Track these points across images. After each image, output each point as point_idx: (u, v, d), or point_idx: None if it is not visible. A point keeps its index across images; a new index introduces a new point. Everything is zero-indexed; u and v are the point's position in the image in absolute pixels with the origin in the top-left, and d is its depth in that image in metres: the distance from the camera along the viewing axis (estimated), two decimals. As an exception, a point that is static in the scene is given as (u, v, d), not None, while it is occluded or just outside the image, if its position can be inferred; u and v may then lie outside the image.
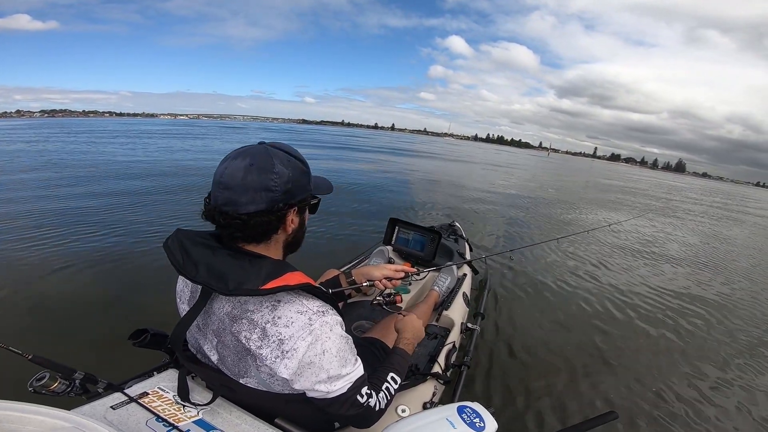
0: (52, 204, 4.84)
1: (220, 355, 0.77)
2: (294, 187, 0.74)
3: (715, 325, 3.17)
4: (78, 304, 2.47)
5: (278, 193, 0.71)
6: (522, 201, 8.51)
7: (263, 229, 0.73)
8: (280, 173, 0.71)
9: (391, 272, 1.24)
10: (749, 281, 4.72)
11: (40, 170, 7.65)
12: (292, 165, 0.74)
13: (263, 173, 0.70)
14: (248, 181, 0.69)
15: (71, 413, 0.62)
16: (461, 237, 3.04)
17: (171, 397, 0.81)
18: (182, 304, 0.84)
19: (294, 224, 0.78)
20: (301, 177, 0.76)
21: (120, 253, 3.28)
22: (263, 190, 0.70)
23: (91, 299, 2.54)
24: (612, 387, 2.11)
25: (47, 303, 2.45)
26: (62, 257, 3.12)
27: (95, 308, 2.44)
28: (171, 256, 0.71)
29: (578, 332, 2.71)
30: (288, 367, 0.68)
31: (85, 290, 2.66)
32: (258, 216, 0.71)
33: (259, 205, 0.70)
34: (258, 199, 0.70)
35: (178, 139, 20.21)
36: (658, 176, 65.47)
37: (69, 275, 2.84)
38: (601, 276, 4.01)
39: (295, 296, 0.72)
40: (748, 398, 2.19)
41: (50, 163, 8.74)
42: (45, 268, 2.90)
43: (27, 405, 0.59)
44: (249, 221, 0.70)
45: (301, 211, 0.80)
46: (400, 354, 1.04)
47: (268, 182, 0.70)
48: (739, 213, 14.42)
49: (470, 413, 0.85)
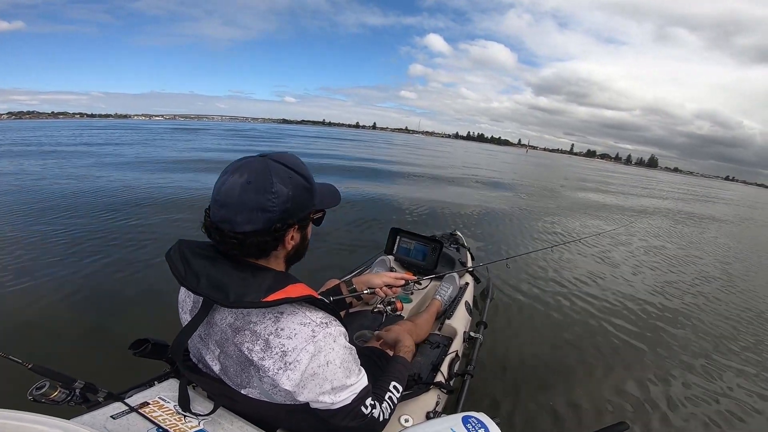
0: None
1: (222, 365, 0.77)
2: (293, 206, 0.71)
3: (737, 327, 3.15)
4: (74, 313, 2.46)
5: (276, 213, 0.69)
6: (519, 210, 8.54)
7: (260, 248, 0.72)
8: (279, 193, 0.68)
9: (391, 280, 1.24)
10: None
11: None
12: (294, 182, 0.71)
13: (261, 193, 0.67)
14: (245, 200, 0.67)
15: (71, 423, 0.61)
16: (462, 246, 3.03)
17: (172, 407, 0.81)
18: (184, 314, 0.84)
19: (295, 241, 0.77)
20: (302, 194, 0.73)
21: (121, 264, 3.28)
22: (260, 211, 0.67)
23: (89, 309, 2.53)
24: (620, 395, 2.07)
25: (41, 312, 2.44)
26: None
27: (94, 317, 2.42)
28: (173, 266, 0.70)
29: (582, 339, 2.69)
30: (291, 378, 0.67)
31: (81, 302, 2.65)
32: (254, 236, 0.69)
33: (256, 225, 0.68)
34: (254, 219, 0.68)
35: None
36: (639, 172, 65.51)
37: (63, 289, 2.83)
38: (603, 280, 3.99)
39: (298, 308, 0.71)
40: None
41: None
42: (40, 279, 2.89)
43: (27, 414, 0.58)
44: (245, 240, 0.69)
45: (302, 228, 0.78)
46: (400, 362, 1.03)
47: (265, 202, 0.67)
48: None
49: (475, 423, 0.83)
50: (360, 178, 9.72)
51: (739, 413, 2.07)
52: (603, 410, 1.95)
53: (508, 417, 1.78)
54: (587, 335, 2.75)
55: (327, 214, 0.86)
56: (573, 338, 2.68)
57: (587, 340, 2.68)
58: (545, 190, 12.42)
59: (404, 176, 11.22)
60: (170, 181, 7.25)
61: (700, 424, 1.95)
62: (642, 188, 19.37)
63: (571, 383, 2.14)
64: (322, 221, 0.86)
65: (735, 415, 2.05)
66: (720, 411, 2.06)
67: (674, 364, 2.49)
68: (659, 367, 2.43)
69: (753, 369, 2.56)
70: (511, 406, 1.89)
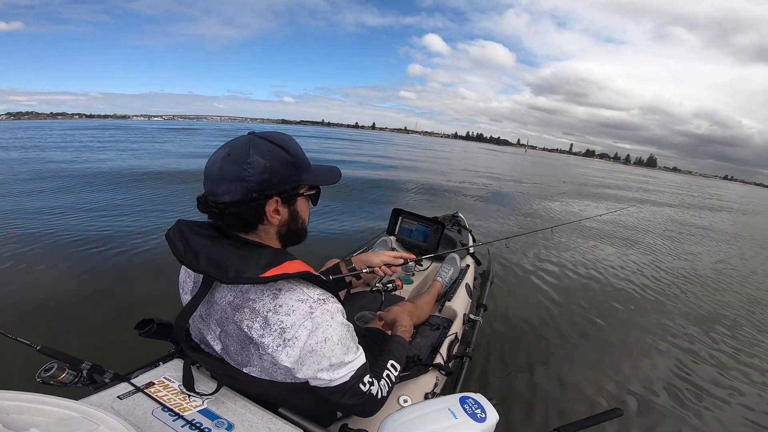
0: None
1: (224, 344, 0.78)
2: (272, 177, 0.71)
3: (738, 312, 3.20)
4: (80, 293, 2.50)
5: (252, 183, 0.70)
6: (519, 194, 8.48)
7: (240, 219, 0.73)
8: (255, 163, 0.69)
9: (390, 258, 1.24)
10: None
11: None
12: (273, 155, 0.72)
13: (237, 164, 0.69)
14: (224, 172, 0.70)
15: (79, 403, 0.63)
16: (464, 228, 3.03)
17: (176, 387, 0.83)
18: (185, 295, 0.85)
19: (282, 216, 0.76)
20: (282, 167, 0.73)
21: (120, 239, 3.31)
22: (237, 181, 0.69)
23: (92, 288, 2.58)
24: (618, 381, 2.10)
25: (48, 295, 2.48)
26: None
27: (97, 298, 2.47)
28: (172, 245, 0.72)
29: (582, 323, 2.72)
30: (290, 355, 0.68)
31: (84, 281, 2.69)
32: (233, 206, 0.71)
33: (235, 196, 0.70)
34: (233, 189, 0.70)
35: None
36: (638, 172, 64.36)
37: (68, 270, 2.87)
38: (604, 263, 4.01)
39: (296, 284, 0.72)
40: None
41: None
42: (42, 262, 2.93)
43: (36, 395, 0.60)
44: (224, 210, 0.71)
45: (288, 202, 0.77)
46: (398, 341, 1.05)
47: (241, 172, 0.69)
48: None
49: (472, 404, 0.85)
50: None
51: (736, 397, 2.10)
52: (599, 395, 1.97)
53: (504, 399, 1.82)
54: (586, 321, 2.77)
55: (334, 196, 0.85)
56: (571, 323, 2.70)
57: (586, 325, 2.71)
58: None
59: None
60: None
61: (697, 409, 1.97)
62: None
63: (568, 368, 2.18)
64: (318, 199, 0.85)
65: (732, 399, 2.08)
66: (717, 395, 2.08)
67: (673, 350, 2.51)
68: (658, 352, 2.46)
69: (751, 350, 2.59)
70: (507, 389, 1.92)
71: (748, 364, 2.44)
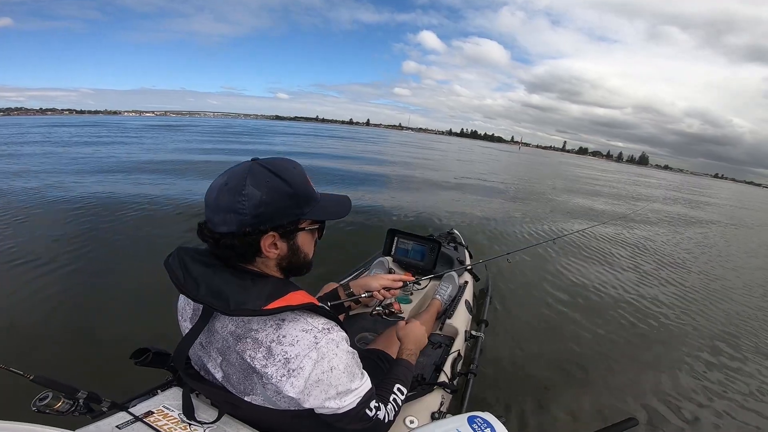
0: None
1: (225, 373, 0.76)
2: (268, 210, 0.69)
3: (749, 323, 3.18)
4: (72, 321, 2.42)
5: (246, 216, 0.67)
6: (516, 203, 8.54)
7: (235, 251, 0.71)
8: (250, 195, 0.67)
9: (389, 282, 1.23)
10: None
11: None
12: (270, 186, 0.69)
13: (232, 194, 0.67)
14: (220, 201, 0.68)
15: None
16: (461, 244, 3.03)
17: (176, 415, 0.80)
18: (184, 322, 0.83)
19: (280, 251, 0.74)
20: (280, 200, 0.70)
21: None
22: (232, 212, 0.67)
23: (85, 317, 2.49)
24: (627, 391, 2.07)
25: (38, 323, 2.39)
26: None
27: (87, 326, 2.38)
28: (171, 273, 0.70)
29: (586, 334, 2.69)
30: (294, 385, 0.67)
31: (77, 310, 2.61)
32: (228, 238, 0.69)
33: (230, 227, 0.68)
34: (228, 220, 0.68)
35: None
36: (630, 170, 65.85)
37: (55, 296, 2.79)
38: (606, 274, 4.00)
39: (299, 314, 0.71)
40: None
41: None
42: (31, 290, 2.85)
43: (34, 426, 0.58)
44: (219, 241, 0.70)
45: (287, 237, 0.74)
46: (404, 365, 1.03)
47: (235, 204, 0.67)
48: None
49: (481, 423, 0.84)
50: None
51: (748, 407, 2.08)
52: (611, 406, 1.94)
53: (513, 415, 1.78)
54: (591, 330, 2.74)
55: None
56: (577, 333, 2.68)
57: (592, 334, 2.68)
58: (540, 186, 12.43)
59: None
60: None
61: (711, 418, 1.95)
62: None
63: (577, 379, 2.14)
64: (322, 233, 0.83)
65: (744, 409, 2.05)
66: (729, 405, 2.06)
67: (681, 359, 2.49)
68: (666, 362, 2.43)
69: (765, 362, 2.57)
70: (516, 404, 1.88)
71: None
